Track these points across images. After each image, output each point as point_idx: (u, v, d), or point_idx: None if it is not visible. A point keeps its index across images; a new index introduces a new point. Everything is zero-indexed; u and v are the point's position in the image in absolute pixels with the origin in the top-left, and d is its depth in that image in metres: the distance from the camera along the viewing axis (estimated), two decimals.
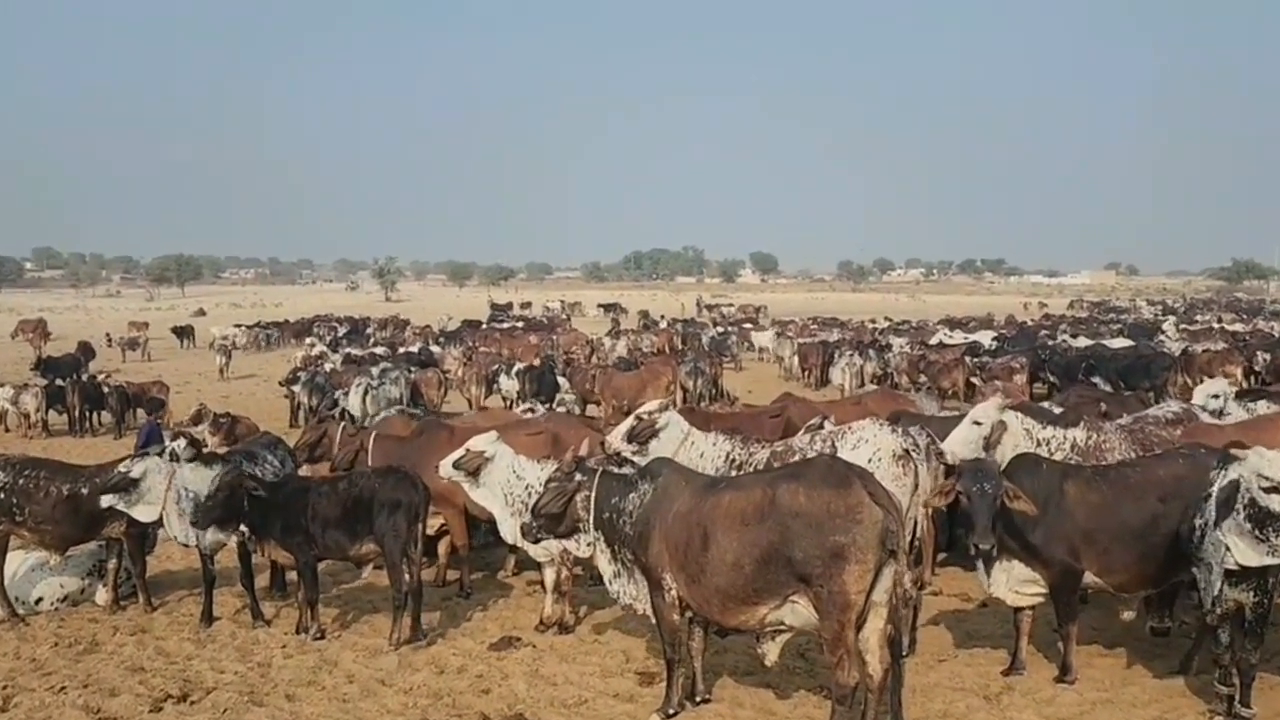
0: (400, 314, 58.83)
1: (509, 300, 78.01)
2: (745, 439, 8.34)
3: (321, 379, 19.65)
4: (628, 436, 8.12)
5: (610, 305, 71.68)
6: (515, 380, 20.71)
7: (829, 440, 7.93)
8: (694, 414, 10.94)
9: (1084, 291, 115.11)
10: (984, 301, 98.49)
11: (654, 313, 58.50)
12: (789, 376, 29.12)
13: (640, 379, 19.22)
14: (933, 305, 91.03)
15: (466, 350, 29.46)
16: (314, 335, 41.96)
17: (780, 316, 57.36)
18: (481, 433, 8.55)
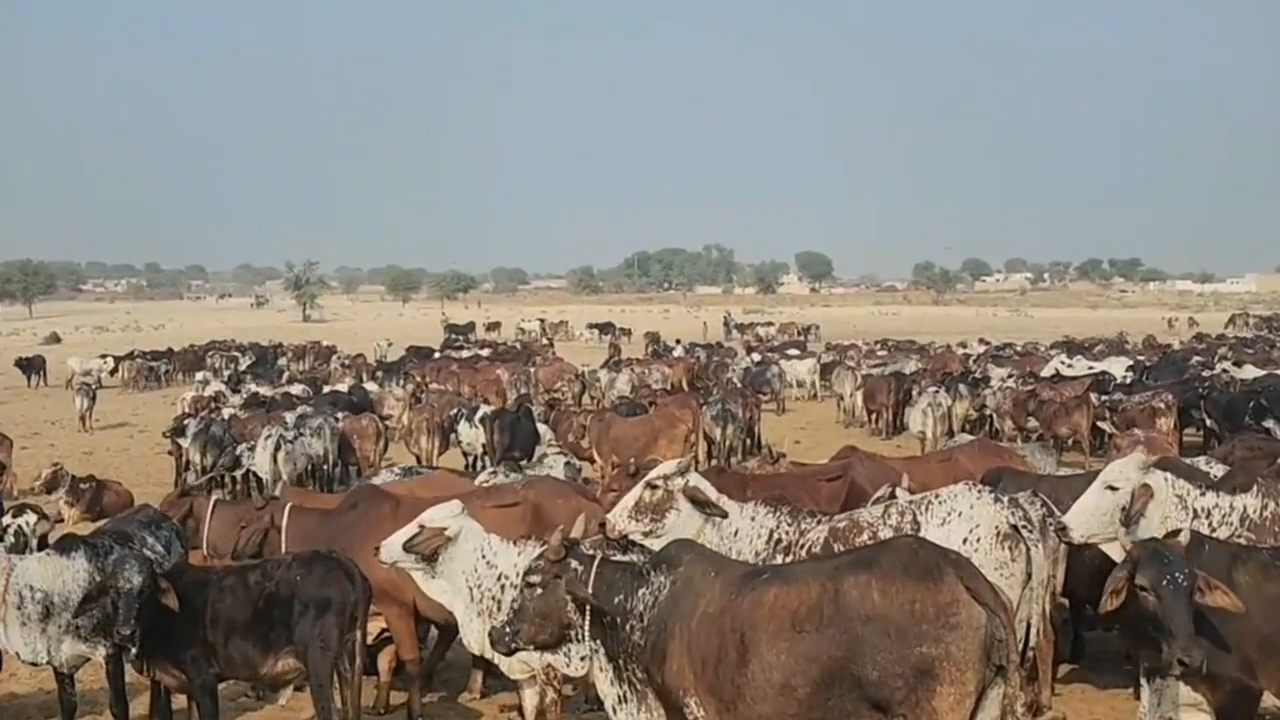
0: (324, 339, 59.12)
1: (470, 320, 78.35)
2: (794, 511, 8.31)
3: (218, 429, 19.73)
4: (635, 510, 8.09)
5: (607, 326, 72.03)
6: (480, 429, 20.75)
7: (908, 513, 7.92)
8: (724, 477, 10.91)
9: (1249, 302, 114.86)
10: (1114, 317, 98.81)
11: (666, 336, 58.71)
12: (851, 422, 29.13)
13: (650, 428, 19.23)
14: (1044, 322, 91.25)
15: (414, 388, 29.58)
16: (207, 369, 42.10)
17: (837, 339, 57.49)
18: (438, 502, 8.55)
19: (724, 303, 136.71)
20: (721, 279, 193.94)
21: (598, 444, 19.11)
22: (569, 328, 76.79)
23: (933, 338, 58.99)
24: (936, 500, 7.93)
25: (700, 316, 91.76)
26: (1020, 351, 43.59)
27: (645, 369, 34.02)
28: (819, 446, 23.79)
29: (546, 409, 23.05)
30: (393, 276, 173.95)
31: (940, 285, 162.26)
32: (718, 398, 22.53)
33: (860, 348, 47.21)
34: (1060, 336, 55.16)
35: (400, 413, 25.88)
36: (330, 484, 19.66)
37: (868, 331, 71.36)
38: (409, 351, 46.72)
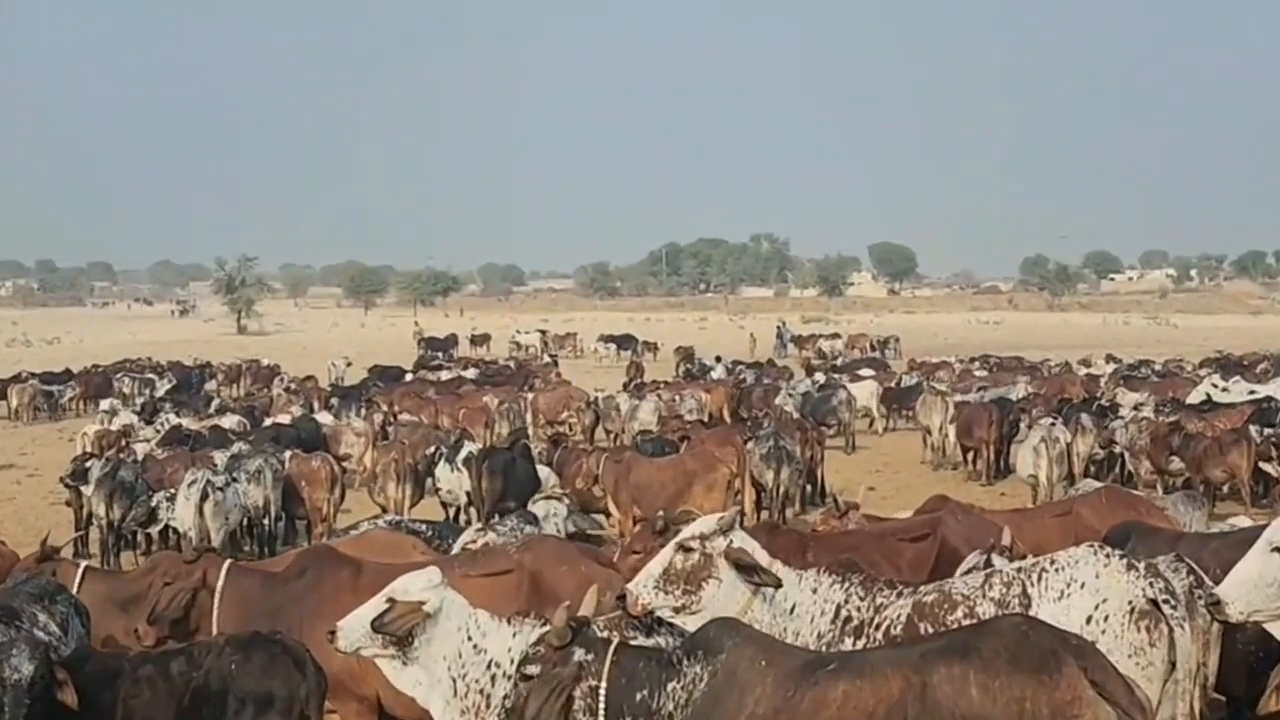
0: (264, 356, 59.35)
1: (451, 332, 78.56)
2: (868, 580, 8.31)
3: (128, 473, 19.77)
4: (663, 579, 8.10)
5: (626, 339, 72.08)
6: (463, 473, 20.76)
7: (1016, 583, 7.90)
8: (778, 535, 10.87)
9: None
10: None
11: (702, 351, 58.68)
12: (940, 462, 29.07)
13: (681, 470, 19.18)
14: (1191, 332, 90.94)
15: (379, 420, 29.63)
16: (116, 395, 42.34)
17: (922, 355, 57.41)
18: (411, 566, 8.57)
19: (777, 308, 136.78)
20: (774, 278, 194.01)
21: (615, 492, 19.06)
22: (577, 341, 76.88)
23: (1046, 353, 58.78)
24: (1052, 567, 7.90)
25: (746, 326, 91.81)
26: (1160, 371, 43.42)
27: (676, 394, 33.97)
28: (900, 495, 23.74)
29: (549, 446, 23.00)
30: (352, 276, 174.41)
31: (1056, 285, 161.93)
32: (769, 432, 22.42)
33: (953, 366, 47.09)
34: (1212, 351, 54.85)
35: (362, 451, 25.87)
36: (271, 543, 19.72)
37: (962, 345, 71.29)
38: (373, 372, 46.61)
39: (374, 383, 41.69)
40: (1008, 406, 28.37)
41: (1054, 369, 46.06)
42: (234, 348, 74.38)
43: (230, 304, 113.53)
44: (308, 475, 20.45)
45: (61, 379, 47.03)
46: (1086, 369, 45.41)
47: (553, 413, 33.90)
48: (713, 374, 45.54)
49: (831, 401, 33.03)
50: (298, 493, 20.29)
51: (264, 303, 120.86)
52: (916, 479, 26.98)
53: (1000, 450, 26.93)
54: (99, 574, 10.91)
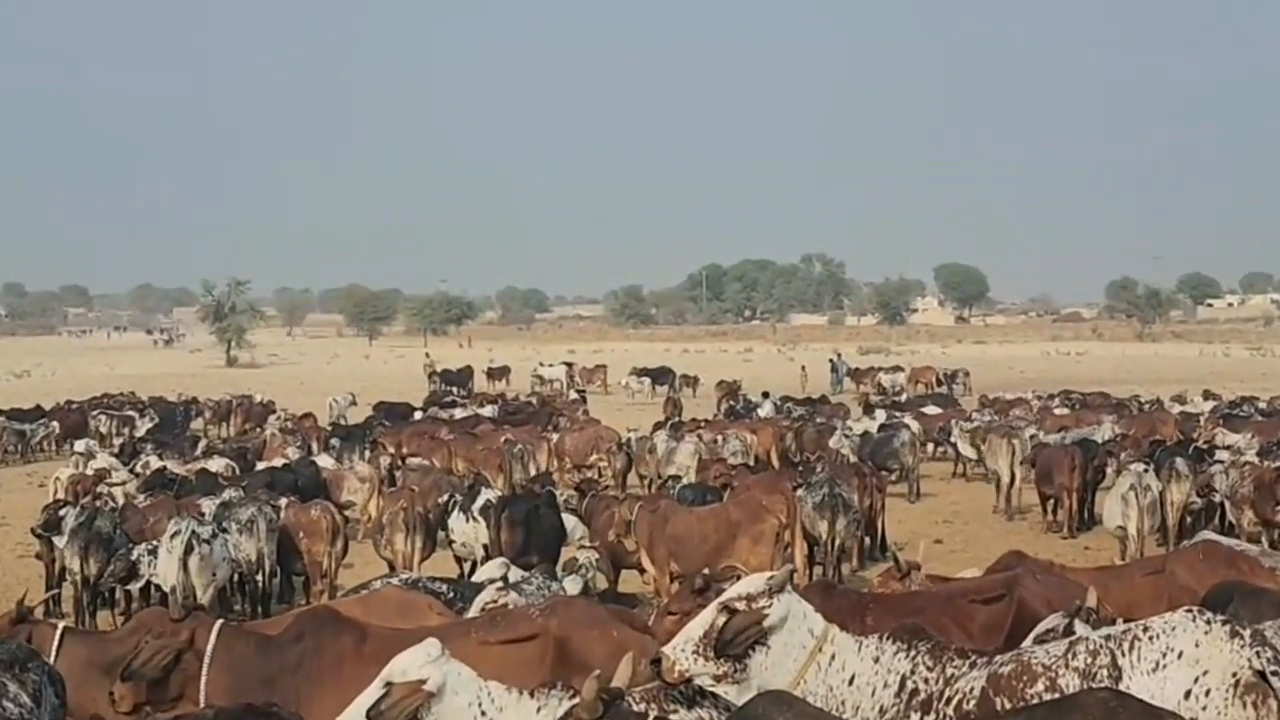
0: (257, 391, 59.58)
1: (466, 364, 78.67)
2: (937, 648, 8.28)
3: (106, 523, 19.82)
4: (704, 643, 8.10)
5: (662, 372, 72.06)
6: (480, 523, 20.77)
7: (1103, 653, 7.85)
8: (835, 596, 10.85)
9: None
10: None
11: (748, 385, 58.60)
12: (1013, 512, 28.96)
13: (725, 521, 19.15)
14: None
15: (386, 464, 29.65)
16: (92, 435, 42.48)
17: (995, 390, 57.23)
18: (426, 632, 8.55)
19: (831, 338, 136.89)
20: (828, 303, 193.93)
21: (650, 545, 19.03)
22: (607, 375, 76.84)
23: (1136, 389, 58.59)
24: (1145, 634, 7.86)
25: (797, 358, 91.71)
26: (1265, 410, 43.12)
27: (718, 435, 33.90)
28: (970, 548, 23.67)
29: (576, 494, 22.97)
30: (355, 301, 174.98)
31: (1146, 312, 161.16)
32: (823, 478, 22.34)
33: (1030, 403, 46.90)
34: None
35: (366, 499, 25.84)
36: (265, 602, 19.73)
37: (1040, 379, 70.97)
38: (378, 410, 46.80)
39: (379, 421, 41.73)
40: (1092, 449, 28.15)
41: (1144, 406, 45.79)
42: (223, 382, 74.67)
43: (219, 333, 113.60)
44: (306, 526, 20.46)
45: (32, 417, 47.12)
46: (1181, 406, 45.18)
47: (580, 455, 33.83)
48: (759, 412, 45.39)
49: (893, 443, 32.88)
50: (295, 545, 20.29)
51: (256, 331, 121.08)
52: (989, 531, 26.89)
53: (1084, 499, 26.78)
54: (79, 636, 10.95)
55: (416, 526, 20.91)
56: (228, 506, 20.46)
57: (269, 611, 18.81)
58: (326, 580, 19.86)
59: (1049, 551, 22.03)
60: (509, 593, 12.76)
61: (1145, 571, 12.86)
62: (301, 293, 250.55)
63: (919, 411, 42.15)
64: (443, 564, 21.46)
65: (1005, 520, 28.34)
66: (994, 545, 21.93)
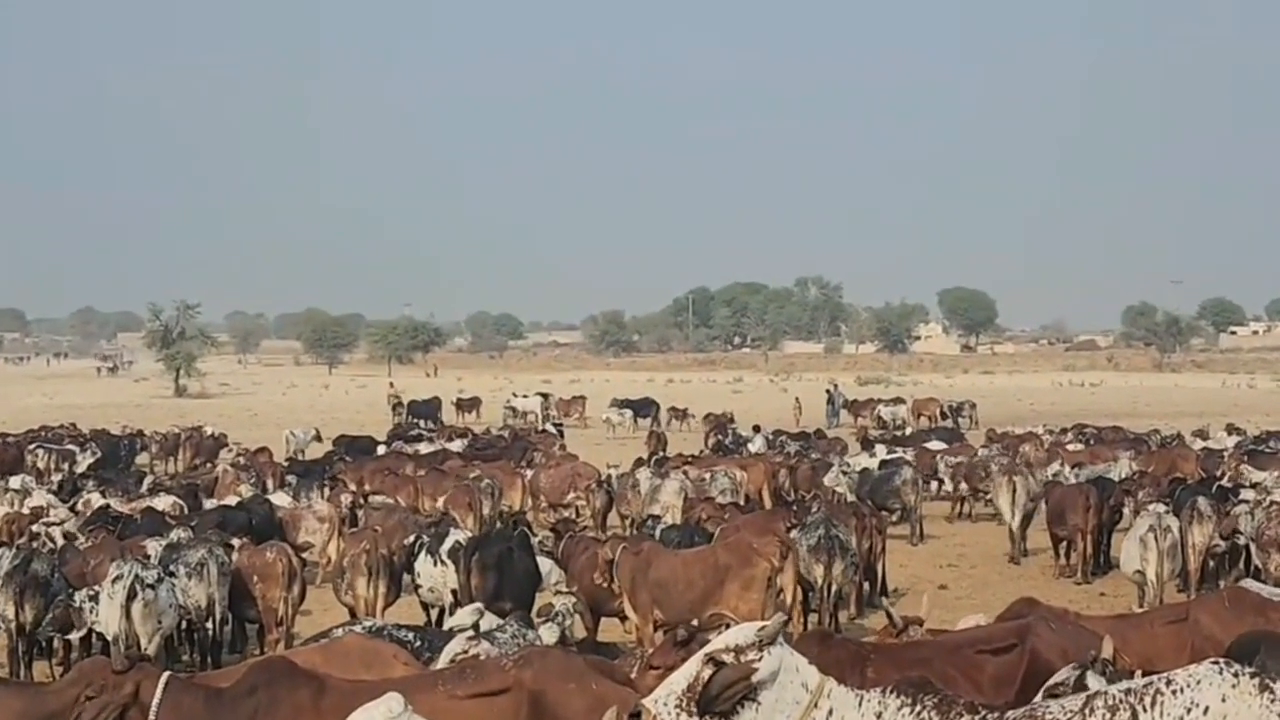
0: (208, 423, 59.45)
1: (434, 395, 78.56)
2: (943, 702, 8.27)
3: (42, 565, 19.72)
4: (687, 699, 8.07)
5: (645, 403, 72.09)
6: (449, 566, 20.73)
7: (1123, 708, 7.82)
8: (833, 647, 10.84)
9: None
10: None
11: (740, 417, 58.61)
12: (1019, 554, 29.02)
13: (712, 565, 19.11)
14: None
15: (347, 502, 29.56)
16: (28, 470, 42.32)
17: (1003, 424, 57.34)
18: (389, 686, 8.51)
19: (827, 367, 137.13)
20: (824, 330, 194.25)
21: (632, 591, 18.99)
22: (586, 406, 76.86)
23: (1155, 422, 58.67)
24: (1168, 688, 7.84)
25: (790, 389, 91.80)
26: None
27: (706, 472, 33.88)
28: (977, 594, 23.69)
29: (553, 535, 22.95)
30: (313, 327, 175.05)
31: (1166, 340, 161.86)
32: (818, 518, 22.30)
33: (1041, 438, 46.95)
34: None
35: (325, 540, 25.78)
36: (216, 651, 19.65)
37: (1052, 412, 71.20)
38: (338, 444, 46.84)
39: (340, 456, 41.66)
40: (1108, 488, 28.16)
41: (1164, 442, 45.90)
42: (171, 413, 74.58)
43: (166, 360, 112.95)
44: (260, 569, 20.36)
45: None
46: (1203, 442, 45.30)
47: (556, 494, 33.79)
48: (750, 447, 45.42)
49: (894, 481, 32.92)
50: (248, 590, 20.17)
51: (207, 359, 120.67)
52: (997, 575, 26.90)
53: (1099, 541, 26.80)
54: (12, 688, 10.88)
55: (380, 570, 20.84)
56: (175, 548, 20.37)
57: (220, 662, 18.76)
58: (282, 628, 19.75)
59: (1062, 598, 22.05)
60: (480, 642, 12.72)
61: (1167, 620, 12.86)
62: (256, 317, 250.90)
63: (922, 447, 42.18)
64: (408, 610, 21.41)
65: (1013, 564, 28.35)
66: (1003, 591, 21.97)
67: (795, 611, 19.25)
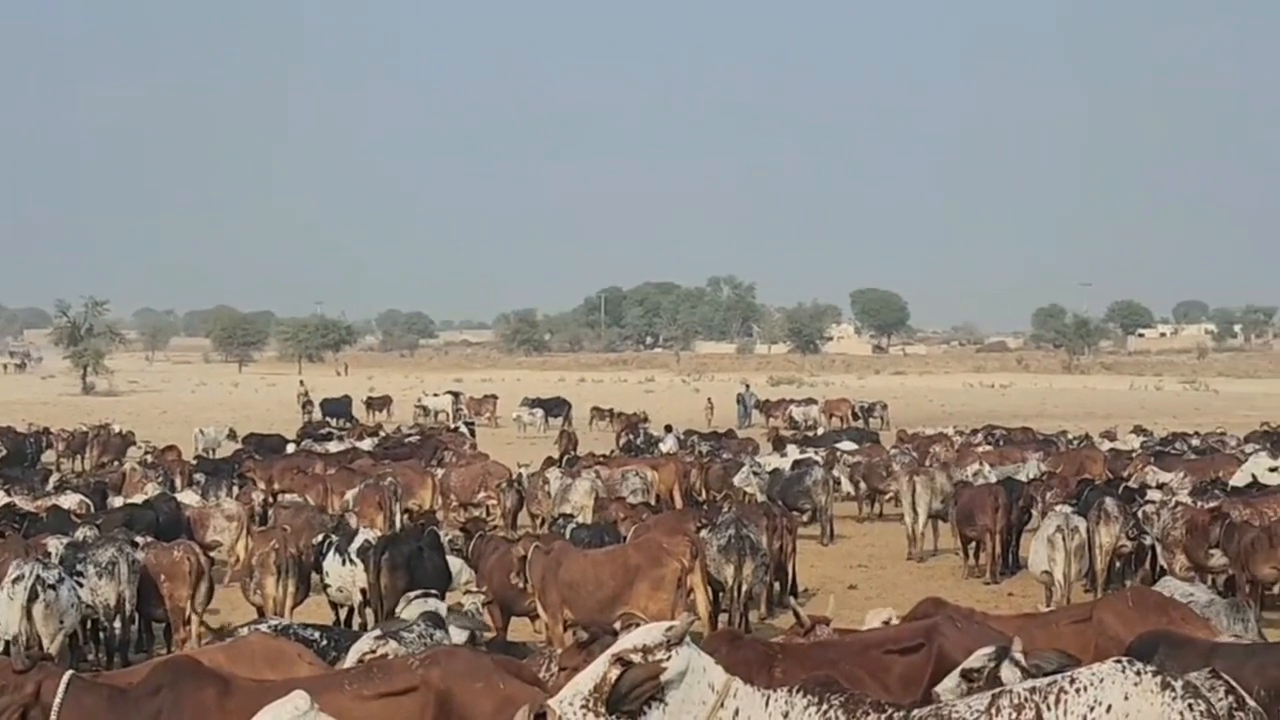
0: (115, 421, 58.82)
1: (344, 393, 78.14)
2: (850, 701, 8.30)
3: None
4: (594, 699, 8.06)
5: (557, 403, 71.94)
6: (359, 566, 20.66)
7: (1029, 707, 7.89)
8: (741, 647, 10.86)
9: None
10: None
11: (653, 417, 58.59)
12: (922, 554, 29.23)
13: (622, 564, 19.10)
14: (1235, 399, 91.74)
15: (257, 500, 29.38)
16: None
17: (914, 425, 57.63)
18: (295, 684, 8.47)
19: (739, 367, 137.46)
20: (736, 330, 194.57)
21: (542, 590, 18.95)
22: (497, 406, 76.62)
23: (1063, 424, 59.13)
24: (1072, 686, 7.91)
25: (702, 388, 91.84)
26: (1198, 447, 43.61)
27: (617, 472, 33.88)
28: (887, 594, 23.77)
29: (463, 534, 22.90)
30: (223, 324, 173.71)
31: (1075, 342, 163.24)
32: (729, 518, 22.34)
33: (951, 439, 47.18)
34: (1259, 423, 55.26)
35: (234, 539, 25.60)
36: (122, 651, 19.49)
37: (963, 413, 71.58)
38: (248, 442, 46.56)
39: (249, 455, 41.34)
40: (1017, 489, 28.39)
41: (1072, 443, 46.23)
42: (78, 410, 73.66)
43: (74, 357, 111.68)
44: (167, 568, 20.21)
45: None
46: (1111, 443, 45.58)
47: (467, 493, 33.70)
48: (662, 447, 45.36)
49: (805, 481, 32.95)
50: (155, 589, 20.03)
51: (115, 356, 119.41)
52: (907, 575, 27.04)
53: (1008, 542, 26.96)
54: None
55: (289, 569, 20.74)
56: (80, 547, 20.16)
57: (128, 661, 18.60)
58: (189, 627, 19.62)
59: (970, 598, 22.23)
60: (387, 641, 12.70)
61: (1071, 619, 12.95)
62: (165, 315, 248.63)
63: (833, 448, 42.30)
64: (317, 610, 21.32)
65: (918, 565, 28.49)
66: (912, 591, 22.07)
67: (705, 611, 19.27)
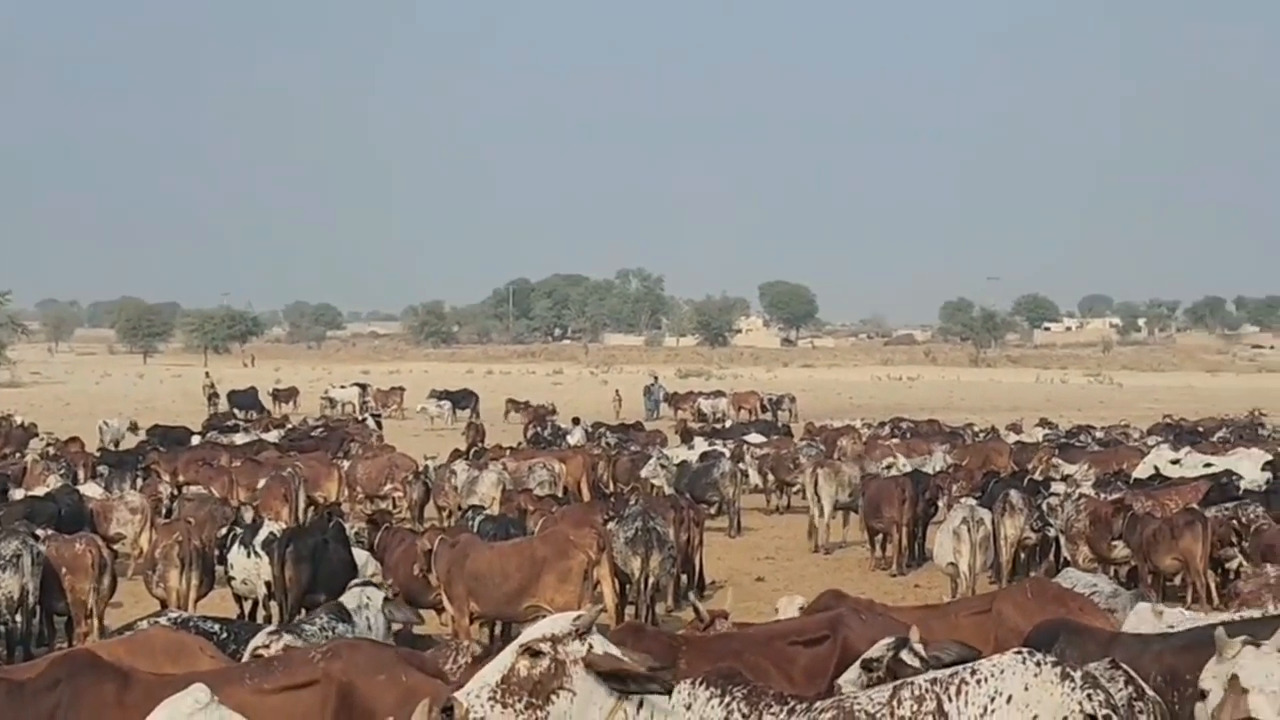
0: (16, 412, 58.24)
1: (250, 385, 77.60)
2: (753, 693, 8.33)
3: None
4: (503, 689, 8.05)
5: (464, 395, 71.76)
6: (263, 558, 20.56)
7: (929, 698, 7.94)
8: (646, 639, 10.85)
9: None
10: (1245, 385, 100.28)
11: (561, 409, 58.56)
12: (833, 545, 29.35)
13: (529, 557, 19.10)
14: (1139, 392, 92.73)
15: (162, 493, 29.15)
16: None
17: (822, 418, 57.83)
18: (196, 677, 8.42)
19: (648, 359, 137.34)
20: (645, 323, 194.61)
21: (448, 582, 18.91)
22: (404, 399, 76.31)
23: (970, 416, 59.56)
24: (973, 677, 7.97)
25: (610, 381, 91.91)
26: (1102, 440, 44.08)
27: (524, 464, 33.91)
28: (794, 586, 23.77)
29: (369, 526, 22.83)
30: (128, 315, 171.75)
31: (982, 336, 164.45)
32: (636, 511, 22.35)
33: (858, 432, 47.43)
34: (1162, 416, 55.94)
35: (137, 532, 25.40)
36: (25, 643, 19.30)
37: (870, 406, 71.94)
38: (152, 434, 46.13)
39: (154, 446, 41.02)
40: (923, 481, 28.58)
41: (978, 436, 46.57)
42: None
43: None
44: (69, 561, 20.02)
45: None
46: (1016, 436, 45.89)
47: (373, 485, 33.57)
48: (569, 439, 45.41)
49: (713, 474, 33.02)
50: (57, 582, 19.85)
51: (17, 347, 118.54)
52: (815, 568, 27.16)
53: (914, 534, 27.15)
54: None
55: (192, 561, 20.59)
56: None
57: (30, 655, 18.38)
58: (92, 621, 19.46)
59: (878, 589, 22.33)
60: (281, 636, 12.65)
61: (971, 611, 13.03)
62: (68, 305, 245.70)
63: (740, 440, 42.41)
64: (221, 603, 21.19)
65: (824, 558, 28.61)
66: (819, 583, 22.14)
67: (612, 603, 19.29)
